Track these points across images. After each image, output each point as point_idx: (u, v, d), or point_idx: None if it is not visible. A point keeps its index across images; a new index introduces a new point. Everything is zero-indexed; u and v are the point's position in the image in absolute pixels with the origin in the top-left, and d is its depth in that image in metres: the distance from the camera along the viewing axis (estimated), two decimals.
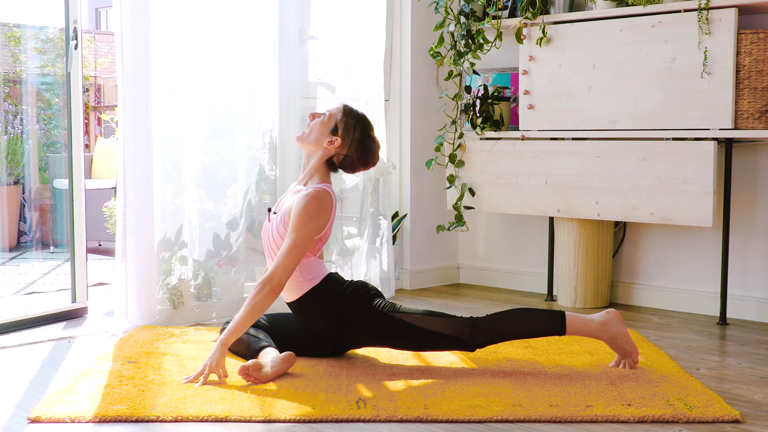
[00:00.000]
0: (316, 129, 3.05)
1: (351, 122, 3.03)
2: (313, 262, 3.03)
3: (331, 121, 3.04)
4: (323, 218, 2.96)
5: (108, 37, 12.63)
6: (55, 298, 4.38)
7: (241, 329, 2.82)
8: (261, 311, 2.84)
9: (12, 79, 5.96)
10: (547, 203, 4.15)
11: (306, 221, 2.90)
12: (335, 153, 3.03)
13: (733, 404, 2.61)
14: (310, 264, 3.02)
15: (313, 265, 3.03)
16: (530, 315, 2.98)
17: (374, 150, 3.08)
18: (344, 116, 3.04)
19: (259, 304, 2.82)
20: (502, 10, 4.30)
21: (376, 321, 2.98)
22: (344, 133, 3.02)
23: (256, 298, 2.81)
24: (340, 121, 3.03)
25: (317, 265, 3.05)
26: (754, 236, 3.95)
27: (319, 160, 3.04)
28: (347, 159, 3.04)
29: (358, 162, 3.07)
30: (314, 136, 3.04)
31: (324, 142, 3.02)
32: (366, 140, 3.04)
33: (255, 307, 2.81)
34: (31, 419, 2.44)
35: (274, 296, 2.84)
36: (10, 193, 5.92)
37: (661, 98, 3.81)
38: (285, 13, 4.08)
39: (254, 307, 2.81)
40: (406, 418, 2.45)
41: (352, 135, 3.02)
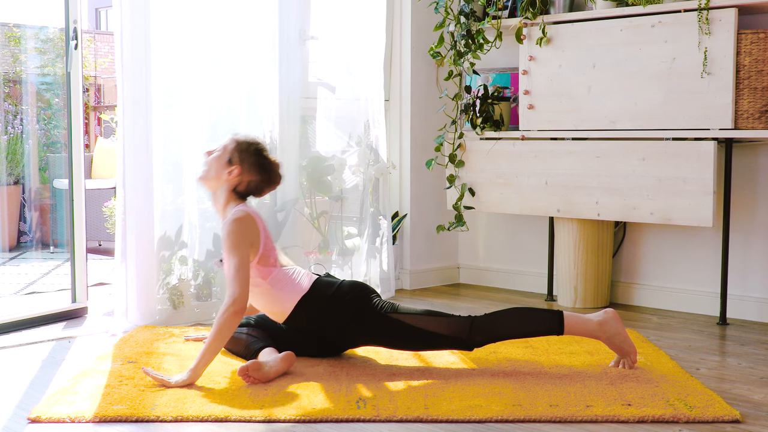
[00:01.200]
0: (214, 164, 3.04)
1: (244, 149, 3.02)
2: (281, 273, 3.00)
3: (226, 154, 3.03)
4: (250, 235, 2.93)
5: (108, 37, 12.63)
6: (55, 298, 4.38)
7: (212, 358, 2.77)
8: (229, 335, 2.79)
9: (12, 79, 5.96)
10: (547, 203, 4.15)
11: (234, 245, 2.88)
12: (238, 181, 3.01)
13: (733, 404, 2.61)
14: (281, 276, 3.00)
15: (286, 275, 3.01)
16: (528, 314, 2.98)
17: (274, 168, 3.06)
18: (237, 145, 3.03)
19: (226, 328, 2.76)
20: (502, 10, 4.30)
21: (374, 321, 2.97)
22: (240, 161, 3.00)
23: (223, 324, 2.75)
24: (234, 150, 3.02)
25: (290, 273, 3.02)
26: (754, 236, 3.95)
27: (225, 193, 3.03)
28: (251, 184, 3.03)
29: (263, 183, 3.05)
30: (213, 171, 3.03)
31: (224, 175, 3.01)
32: (263, 161, 3.03)
33: (222, 332, 2.76)
34: (31, 419, 2.44)
35: (239, 317, 2.79)
36: (10, 193, 5.92)
37: (661, 98, 3.81)
38: (285, 13, 4.08)
39: (221, 335, 2.75)
40: (406, 418, 2.45)
41: (249, 160, 3.01)
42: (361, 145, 4.36)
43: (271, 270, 3.00)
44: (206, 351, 2.74)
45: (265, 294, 3.01)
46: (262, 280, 2.99)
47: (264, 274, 2.99)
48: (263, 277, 2.99)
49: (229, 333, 2.77)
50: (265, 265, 2.99)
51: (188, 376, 2.72)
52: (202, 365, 2.74)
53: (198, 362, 2.74)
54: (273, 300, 3.01)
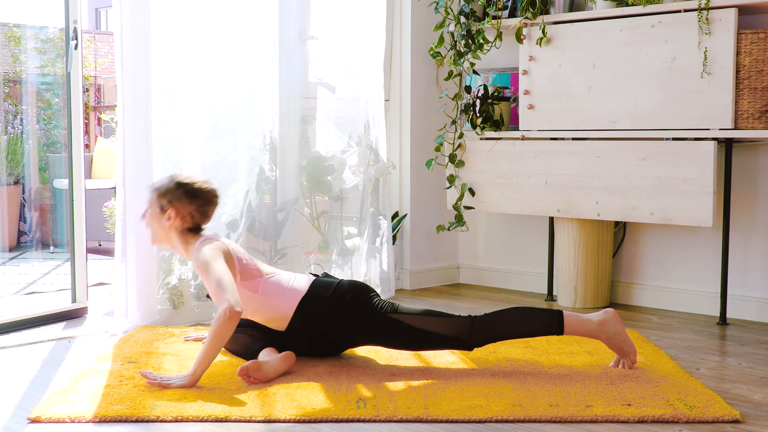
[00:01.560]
0: (153, 222, 3.00)
1: (165, 190, 2.97)
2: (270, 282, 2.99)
3: (155, 206, 2.98)
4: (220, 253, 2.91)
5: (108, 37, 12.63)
6: (55, 298, 4.38)
7: (210, 362, 2.75)
8: (227, 338, 2.76)
9: (12, 79, 5.96)
10: (547, 203, 4.15)
11: (208, 264, 2.85)
12: (180, 222, 2.97)
13: (733, 404, 2.61)
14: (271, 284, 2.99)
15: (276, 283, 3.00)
16: (528, 314, 2.98)
17: (202, 188, 3.00)
18: (157, 192, 2.98)
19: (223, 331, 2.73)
20: (502, 10, 4.30)
21: (374, 321, 2.97)
22: (169, 202, 2.96)
23: (219, 329, 2.72)
24: (157, 198, 2.98)
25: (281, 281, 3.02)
26: (754, 236, 3.95)
27: (179, 239, 3.00)
28: (192, 214, 2.98)
29: (202, 207, 2.99)
30: (155, 228, 3.00)
31: (165, 225, 2.98)
32: (187, 189, 2.97)
33: (220, 336, 2.73)
34: (31, 419, 2.44)
35: (236, 320, 2.75)
36: (10, 193, 5.92)
37: (661, 98, 3.81)
38: (285, 13, 4.08)
39: (219, 338, 2.73)
40: (406, 418, 2.45)
41: (175, 196, 2.96)
42: (361, 145, 4.36)
43: (257, 281, 2.99)
44: (204, 356, 2.73)
45: (261, 306, 2.99)
46: (253, 293, 2.98)
47: (252, 287, 2.98)
48: (253, 290, 2.98)
49: (226, 336, 2.75)
50: (249, 278, 2.98)
51: (187, 380, 2.71)
52: (200, 370, 2.73)
53: (196, 367, 2.73)
54: (271, 310, 2.99)
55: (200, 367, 2.73)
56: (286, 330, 3.02)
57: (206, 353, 2.73)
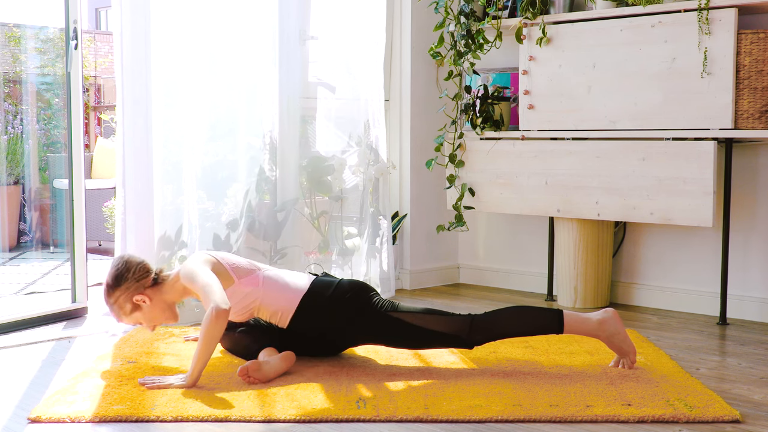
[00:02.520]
0: (146, 318, 2.97)
1: (122, 294, 2.93)
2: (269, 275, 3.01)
3: (126, 309, 2.95)
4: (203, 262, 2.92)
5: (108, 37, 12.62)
6: (55, 298, 4.39)
7: (205, 363, 2.74)
8: (218, 337, 2.75)
9: (12, 79, 5.96)
10: (547, 203, 4.15)
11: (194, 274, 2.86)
12: (147, 292, 2.95)
13: (733, 404, 2.61)
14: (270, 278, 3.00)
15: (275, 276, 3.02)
16: (528, 313, 2.98)
17: (130, 261, 2.97)
18: (118, 296, 2.93)
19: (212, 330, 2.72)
20: (502, 10, 4.30)
21: (374, 320, 2.97)
22: (128, 299, 2.93)
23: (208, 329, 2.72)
24: (122, 302, 2.94)
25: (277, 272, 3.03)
26: (754, 236, 3.95)
27: (163, 300, 2.98)
28: (140, 282, 2.94)
29: (138, 271, 2.95)
30: (151, 318, 2.98)
31: (151, 312, 2.96)
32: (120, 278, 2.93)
33: (211, 339, 2.72)
34: (31, 419, 2.44)
35: (225, 318, 2.75)
36: (10, 193, 5.92)
37: (661, 98, 3.81)
38: (285, 13, 4.08)
39: (210, 339, 2.72)
40: (406, 418, 2.45)
41: (129, 287, 2.93)
42: (361, 145, 4.36)
43: (256, 275, 3.00)
44: (198, 358, 2.72)
45: (264, 300, 2.99)
46: (254, 288, 2.98)
47: (253, 282, 2.99)
48: (254, 285, 2.99)
49: (217, 335, 2.74)
50: (247, 275, 2.99)
51: (185, 382, 2.71)
52: (198, 370, 2.73)
53: (192, 368, 2.73)
54: (275, 303, 3.00)
55: (196, 369, 2.72)
56: (288, 327, 3.02)
57: (199, 355, 2.72)
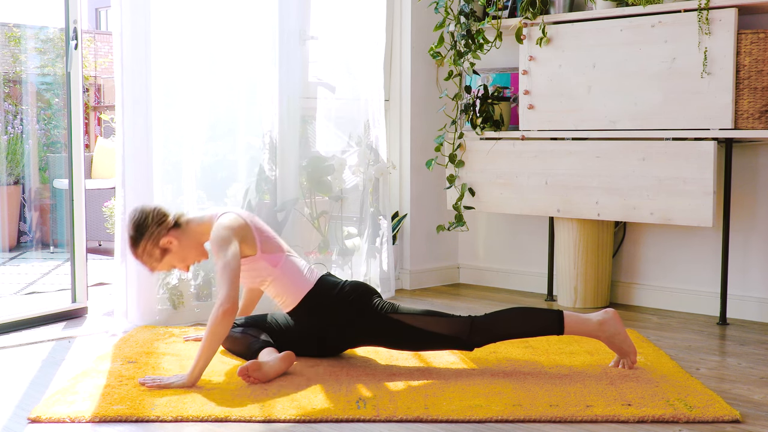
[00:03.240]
0: (172, 261, 3.00)
1: (146, 238, 2.95)
2: (291, 261, 3.02)
3: (155, 254, 2.97)
4: (237, 230, 2.92)
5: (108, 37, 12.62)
6: (55, 298, 4.38)
7: (208, 360, 2.75)
8: (223, 335, 2.76)
9: (12, 79, 5.96)
10: (547, 203, 4.15)
11: (219, 246, 2.87)
12: (171, 233, 2.96)
13: (733, 404, 2.61)
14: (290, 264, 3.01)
15: (294, 263, 3.02)
16: (528, 314, 2.98)
17: (146, 210, 2.98)
18: (143, 243, 2.95)
19: (217, 331, 2.74)
20: (502, 10, 4.30)
21: (374, 321, 2.97)
22: (154, 242, 2.95)
23: (215, 325, 2.74)
24: (147, 251, 2.96)
25: (297, 263, 3.04)
26: (754, 236, 3.95)
27: (190, 239, 3.00)
28: (161, 228, 2.96)
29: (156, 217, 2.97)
30: (176, 261, 3.00)
31: (174, 252, 2.97)
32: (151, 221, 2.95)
33: (215, 335, 2.74)
34: (31, 419, 2.44)
35: (231, 316, 2.76)
36: (10, 193, 5.92)
37: (661, 98, 3.81)
38: (285, 13, 4.08)
39: (214, 336, 2.74)
40: (406, 418, 2.45)
41: (151, 235, 2.94)
42: (361, 145, 4.36)
43: (279, 257, 3.01)
44: (201, 354, 2.73)
45: (276, 282, 3.02)
46: (272, 268, 3.00)
47: (273, 261, 3.00)
48: (273, 264, 3.00)
49: (222, 334, 2.75)
50: (270, 252, 3.00)
51: (186, 379, 2.71)
52: (199, 368, 2.74)
53: (194, 365, 2.73)
54: (284, 289, 3.01)
55: (198, 367, 2.73)
56: (290, 313, 3.05)
57: (203, 353, 2.73)
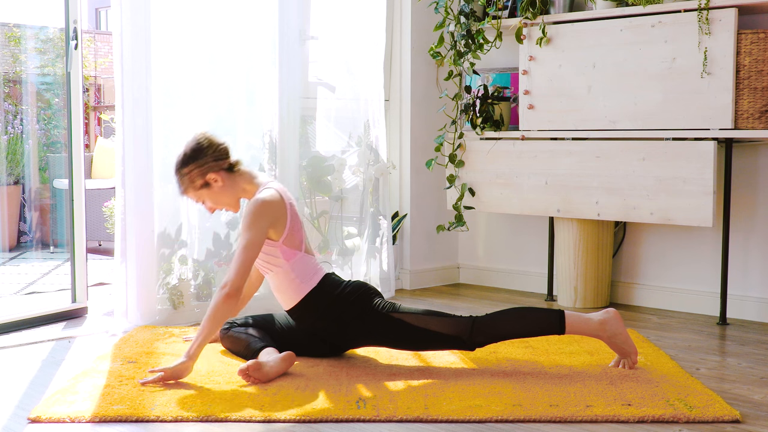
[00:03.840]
0: (208, 196, 3.01)
1: (193, 167, 2.96)
2: (304, 260, 3.02)
3: (197, 184, 2.99)
4: (273, 212, 2.93)
5: (108, 37, 12.62)
6: (55, 298, 4.38)
7: (206, 339, 2.77)
8: (222, 318, 2.79)
9: (12, 79, 5.96)
10: (547, 203, 4.15)
11: (249, 224, 2.89)
12: (222, 179, 2.99)
13: (733, 404, 2.61)
14: (303, 263, 3.02)
15: (307, 264, 3.03)
16: (529, 314, 2.98)
17: (211, 144, 3.00)
18: (188, 171, 2.97)
19: (218, 310, 2.78)
20: (502, 10, 4.30)
21: (375, 321, 2.98)
22: (203, 174, 2.97)
23: (215, 305, 2.78)
24: (193, 176, 2.98)
25: (311, 264, 3.04)
26: (754, 236, 3.95)
27: (232, 191, 3.02)
28: (228, 167, 3.00)
29: (222, 156, 3.00)
30: (215, 200, 3.02)
31: (217, 189, 3.00)
32: (205, 151, 2.98)
33: (215, 315, 2.77)
34: (31, 419, 2.44)
35: (232, 300, 2.79)
36: (10, 193, 5.92)
37: (661, 98, 3.81)
38: (285, 13, 4.08)
39: (214, 315, 2.77)
40: (406, 418, 2.45)
41: (203, 164, 2.97)
42: (361, 145, 4.36)
43: (295, 253, 3.01)
44: (200, 333, 2.77)
45: (282, 276, 3.02)
46: (285, 261, 3.00)
47: (288, 255, 3.00)
48: (286, 258, 3.00)
49: (222, 315, 2.78)
50: (290, 246, 3.00)
51: (184, 358, 2.74)
52: (197, 347, 2.76)
53: (192, 344, 2.76)
54: (287, 284, 3.02)
55: (196, 344, 2.76)
56: (290, 311, 3.06)
57: (201, 332, 2.77)
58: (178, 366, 2.73)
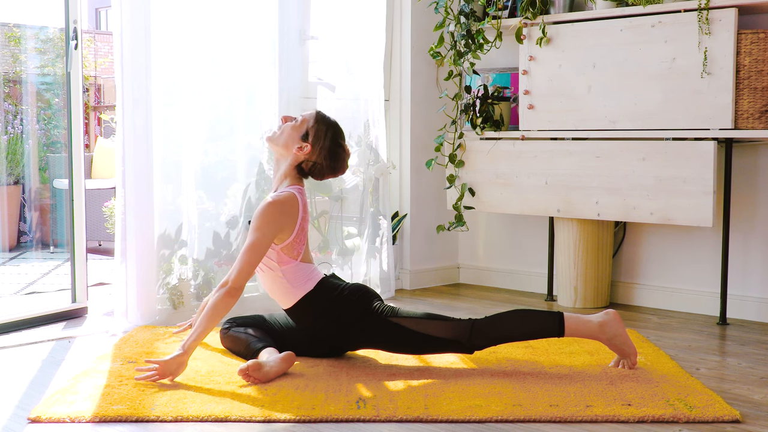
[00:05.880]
0: (287, 132, 3.01)
1: (322, 129, 3.00)
2: (298, 268, 3.01)
3: (303, 127, 3.00)
4: (284, 220, 2.93)
5: (108, 37, 12.62)
6: (55, 298, 4.38)
7: (203, 335, 2.77)
8: (221, 314, 2.78)
9: (12, 79, 5.96)
10: (547, 203, 4.15)
11: (264, 224, 2.88)
12: (304, 159, 3.00)
13: (733, 404, 2.61)
14: (296, 270, 3.01)
15: (301, 271, 3.01)
16: (529, 316, 2.97)
17: (343, 158, 3.04)
18: (316, 123, 3.00)
19: (217, 307, 2.77)
20: (502, 10, 4.30)
21: (374, 326, 2.97)
22: (315, 140, 2.98)
23: (214, 301, 2.79)
24: (312, 127, 3.00)
25: (305, 271, 3.02)
26: (754, 236, 3.95)
27: (288, 166, 3.02)
28: (316, 166, 3.02)
29: (327, 170, 3.03)
30: (284, 138, 3.01)
31: (293, 148, 2.99)
32: (336, 149, 3.01)
33: (214, 311, 2.77)
34: (31, 419, 2.44)
35: (232, 298, 2.79)
36: (10, 193, 5.92)
37: (661, 98, 3.81)
38: (285, 13, 4.08)
39: (213, 311, 2.77)
40: (406, 418, 2.45)
41: (323, 143, 2.98)
42: (361, 145, 4.36)
43: (290, 261, 3.00)
44: (198, 326, 2.76)
45: (272, 277, 3.02)
46: (278, 265, 3.00)
47: (282, 261, 2.99)
48: (280, 263, 3.00)
49: (220, 311, 2.77)
50: (287, 254, 2.99)
51: (181, 351, 2.73)
52: (194, 339, 2.75)
53: (189, 337, 2.76)
54: (278, 287, 3.03)
55: (193, 336, 2.75)
56: (287, 311, 3.06)
57: (200, 325, 2.76)
58: (173, 359, 2.73)
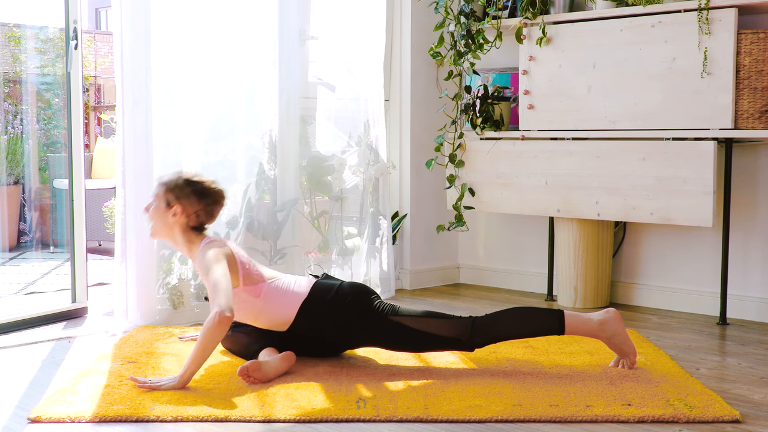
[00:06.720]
0: (156, 216, 2.98)
1: (173, 186, 2.96)
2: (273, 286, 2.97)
3: (160, 200, 2.97)
4: (223, 257, 2.89)
5: (108, 37, 12.62)
6: (55, 298, 4.38)
7: (198, 366, 2.73)
8: (215, 342, 2.72)
9: (12, 79, 5.96)
10: (547, 203, 4.15)
11: (210, 264, 2.84)
12: (185, 219, 2.96)
13: (733, 404, 2.61)
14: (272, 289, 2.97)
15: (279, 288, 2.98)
16: (529, 314, 2.98)
17: (211, 189, 2.99)
18: (166, 187, 2.97)
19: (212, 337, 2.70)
20: (502, 10, 4.30)
21: (374, 324, 2.97)
22: (176, 198, 2.94)
23: (209, 333, 2.70)
24: (165, 193, 2.96)
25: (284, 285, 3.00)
26: (754, 236, 3.95)
27: (181, 235, 2.98)
28: (198, 214, 2.97)
29: (208, 207, 2.98)
30: (158, 222, 2.98)
31: (169, 220, 2.96)
32: (197, 188, 2.97)
33: (209, 341, 2.70)
34: (31, 419, 2.44)
35: (227, 325, 2.73)
36: (10, 193, 5.92)
37: (661, 98, 3.81)
38: (285, 13, 4.08)
39: (208, 342, 2.70)
40: (406, 418, 2.45)
41: (183, 193, 2.95)
42: (361, 145, 4.36)
43: (260, 287, 2.97)
44: (193, 359, 2.71)
45: (262, 311, 2.98)
46: (255, 299, 2.96)
47: (255, 292, 2.96)
48: (255, 295, 2.96)
49: (215, 341, 2.71)
50: (252, 284, 2.96)
51: (176, 382, 2.69)
52: (190, 372, 2.71)
53: (186, 368, 2.71)
54: (272, 315, 2.99)
55: (189, 369, 2.71)
56: (287, 331, 3.02)
57: (196, 355, 2.70)
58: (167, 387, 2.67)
